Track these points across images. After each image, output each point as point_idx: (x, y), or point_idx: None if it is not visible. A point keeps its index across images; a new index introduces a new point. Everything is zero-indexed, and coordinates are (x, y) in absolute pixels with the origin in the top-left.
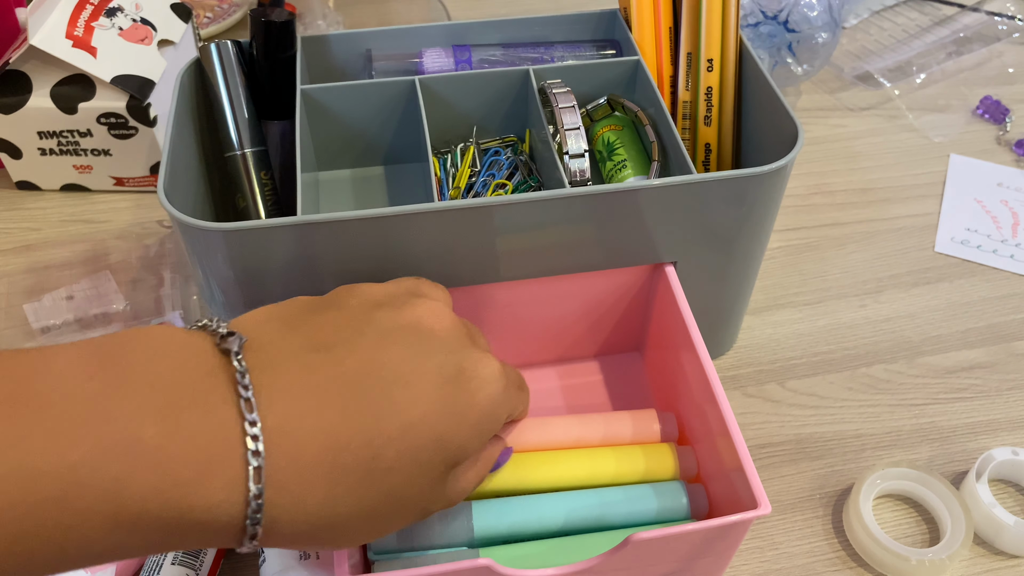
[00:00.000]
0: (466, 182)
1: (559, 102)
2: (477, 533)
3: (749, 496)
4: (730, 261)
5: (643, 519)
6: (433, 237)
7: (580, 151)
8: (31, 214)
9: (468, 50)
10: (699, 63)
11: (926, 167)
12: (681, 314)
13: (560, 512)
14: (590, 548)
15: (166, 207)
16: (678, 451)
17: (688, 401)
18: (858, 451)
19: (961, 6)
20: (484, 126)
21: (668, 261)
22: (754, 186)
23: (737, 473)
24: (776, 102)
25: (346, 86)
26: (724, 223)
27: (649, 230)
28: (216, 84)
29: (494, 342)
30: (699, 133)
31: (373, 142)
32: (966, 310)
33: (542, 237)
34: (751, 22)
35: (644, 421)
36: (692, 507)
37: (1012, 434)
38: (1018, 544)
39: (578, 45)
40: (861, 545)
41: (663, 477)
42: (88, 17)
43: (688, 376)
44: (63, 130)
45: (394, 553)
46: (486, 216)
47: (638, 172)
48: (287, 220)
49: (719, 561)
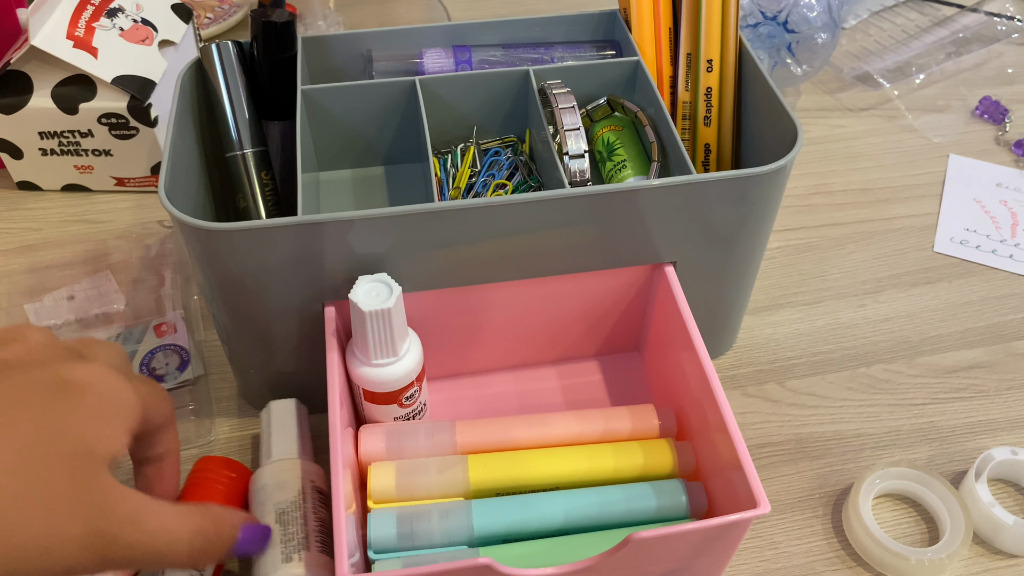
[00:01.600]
0: (466, 182)
1: (559, 102)
2: (477, 532)
3: (749, 495)
4: (730, 261)
5: (642, 518)
6: (433, 237)
7: (580, 151)
8: (32, 214)
9: (468, 51)
10: (699, 63)
11: (925, 167)
12: (681, 314)
13: (559, 511)
14: (590, 547)
15: (167, 207)
16: (677, 447)
17: (688, 400)
18: (857, 451)
19: (960, 7)
20: (484, 126)
21: (668, 261)
22: (754, 186)
23: (736, 472)
24: (776, 102)
25: (347, 86)
26: (724, 223)
27: (649, 230)
28: (217, 84)
29: (494, 342)
30: (699, 133)
31: (373, 142)
32: (965, 310)
33: (542, 237)
34: (751, 23)
35: (643, 416)
36: (691, 505)
37: (1011, 434)
38: (1017, 543)
39: (578, 46)
40: (860, 545)
41: (662, 472)
42: (89, 18)
43: (688, 376)
44: (64, 130)
45: (394, 552)
46: (486, 216)
47: (638, 172)
48: (288, 220)
49: (719, 560)
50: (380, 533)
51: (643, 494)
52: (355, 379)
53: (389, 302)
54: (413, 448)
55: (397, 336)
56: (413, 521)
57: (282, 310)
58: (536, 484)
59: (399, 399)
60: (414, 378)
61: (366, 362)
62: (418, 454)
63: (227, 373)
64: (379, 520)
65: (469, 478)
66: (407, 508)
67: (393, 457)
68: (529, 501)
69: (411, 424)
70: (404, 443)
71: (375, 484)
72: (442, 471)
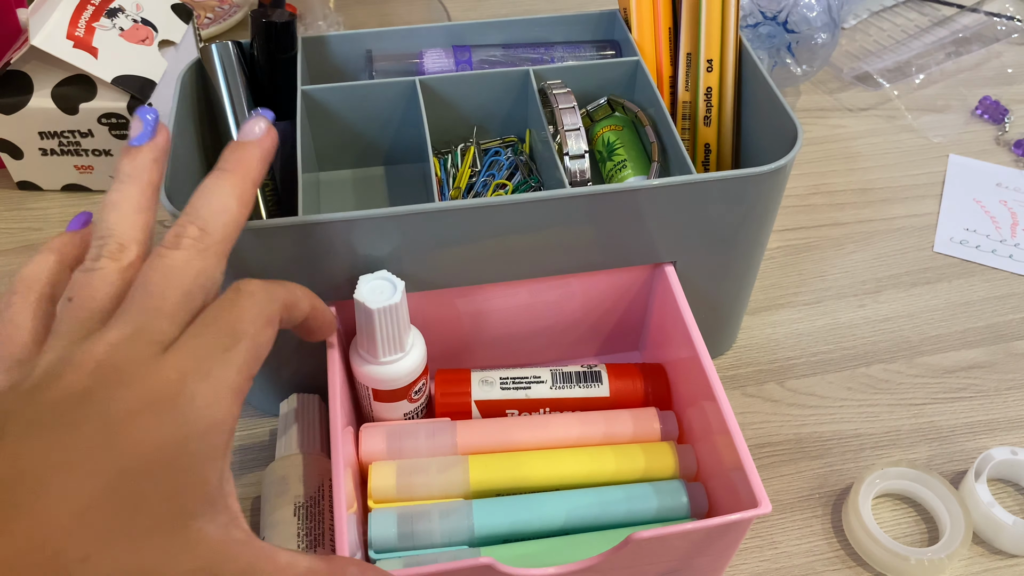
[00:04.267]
0: (466, 182)
1: (559, 103)
2: (477, 532)
3: (749, 495)
4: (730, 261)
5: (643, 518)
6: (434, 237)
7: (580, 152)
8: (32, 214)
9: (468, 51)
10: (699, 63)
11: (925, 167)
12: (681, 313)
13: (560, 511)
14: (590, 547)
15: (168, 208)
16: (678, 449)
17: (688, 401)
18: (857, 451)
19: (960, 6)
20: (484, 126)
21: (668, 261)
22: (754, 186)
23: (737, 472)
24: (776, 102)
25: (347, 86)
26: (724, 223)
27: (649, 230)
28: (217, 85)
29: (494, 342)
30: (699, 133)
31: (373, 142)
32: (965, 310)
33: (542, 237)
34: (750, 23)
35: (644, 419)
36: (692, 506)
37: (1011, 434)
38: (1017, 543)
39: (578, 46)
40: (860, 544)
41: (663, 475)
42: (89, 18)
43: (688, 375)
44: (64, 130)
45: (395, 552)
46: (487, 216)
47: (638, 172)
48: (290, 220)
49: (719, 560)
50: (381, 533)
51: (644, 494)
52: (362, 379)
53: (395, 298)
54: (413, 448)
55: (403, 331)
56: (414, 521)
57: None
58: (537, 485)
59: (409, 394)
60: (421, 371)
61: (373, 361)
62: (418, 454)
63: None
64: (380, 520)
65: (469, 478)
66: (408, 508)
67: (394, 457)
68: (530, 501)
69: (412, 424)
70: (405, 443)
71: (376, 483)
72: (442, 471)
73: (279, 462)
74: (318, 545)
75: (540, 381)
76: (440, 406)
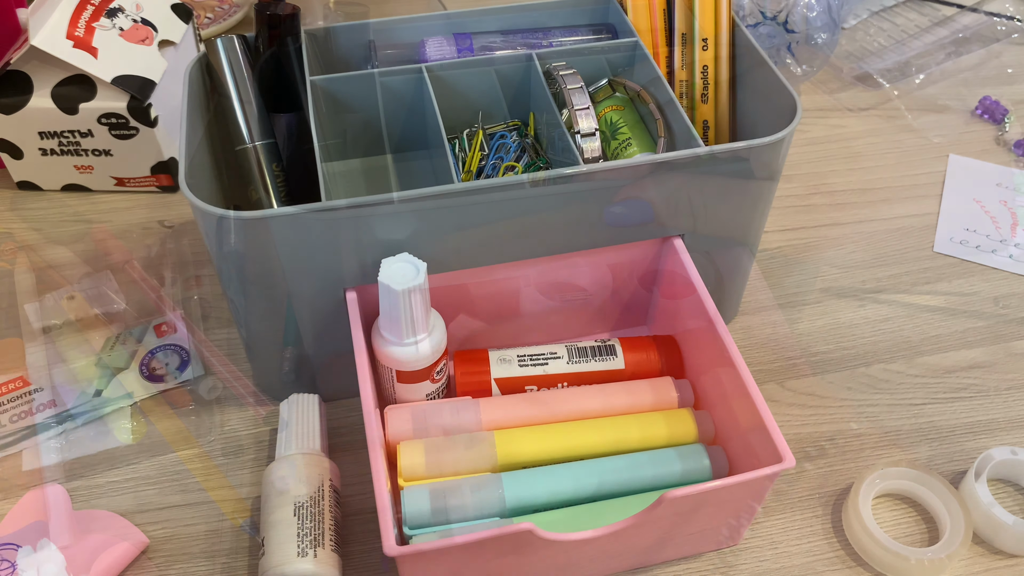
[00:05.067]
0: (477, 165)
1: (567, 83)
2: (509, 503)
3: (772, 452)
4: (734, 231)
5: (668, 482)
6: (454, 219)
7: (591, 130)
8: (32, 214)
9: (469, 38)
10: (694, 43)
11: (925, 167)
12: (692, 283)
13: (587, 479)
14: (619, 511)
15: (192, 201)
16: (696, 415)
17: (701, 369)
18: (857, 451)
19: (960, 6)
20: (488, 111)
21: (676, 234)
22: (759, 156)
23: (758, 432)
24: (772, 76)
25: (355, 76)
26: (729, 194)
27: (658, 204)
28: (224, 78)
29: (507, 323)
30: (697, 111)
31: (380, 132)
32: (965, 310)
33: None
34: (751, 23)
35: (662, 389)
36: (714, 468)
37: (1011, 434)
38: (1017, 543)
39: (575, 30)
40: (860, 545)
41: (684, 441)
42: (89, 18)
43: (701, 344)
44: (64, 130)
45: (429, 528)
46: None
47: (643, 149)
48: (320, 205)
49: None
50: (415, 509)
51: (667, 459)
52: (386, 361)
53: (419, 279)
54: (439, 427)
55: (426, 312)
56: (447, 496)
57: (305, 295)
58: (562, 456)
59: (431, 374)
60: (442, 351)
61: (397, 342)
62: (444, 432)
63: (230, 370)
64: (413, 496)
65: (496, 453)
66: (439, 484)
67: (420, 436)
68: (556, 471)
69: (435, 404)
70: (430, 422)
71: (405, 462)
72: (470, 447)
73: (279, 462)
74: (319, 546)
75: (557, 357)
76: (460, 385)
